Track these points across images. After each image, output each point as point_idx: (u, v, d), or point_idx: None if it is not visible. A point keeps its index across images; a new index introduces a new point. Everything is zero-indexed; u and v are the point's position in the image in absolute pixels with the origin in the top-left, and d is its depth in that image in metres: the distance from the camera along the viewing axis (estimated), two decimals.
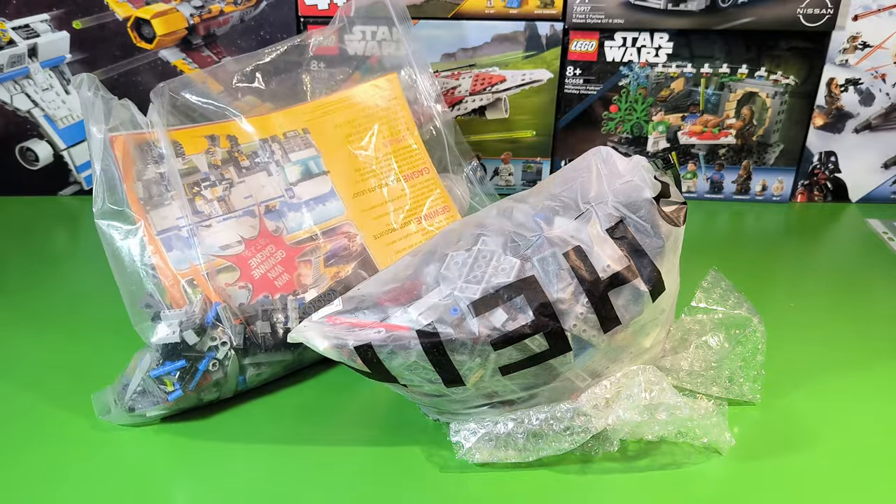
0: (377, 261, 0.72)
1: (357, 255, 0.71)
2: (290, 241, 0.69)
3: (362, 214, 0.73)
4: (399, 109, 0.79)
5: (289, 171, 0.72)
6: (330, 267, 0.69)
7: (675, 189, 0.57)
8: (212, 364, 0.62)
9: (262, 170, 0.71)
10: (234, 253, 0.67)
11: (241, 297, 0.66)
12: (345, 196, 0.73)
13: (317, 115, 0.76)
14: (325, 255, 0.70)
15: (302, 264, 0.69)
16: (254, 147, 0.72)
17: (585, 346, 0.54)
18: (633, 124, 0.97)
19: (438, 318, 0.52)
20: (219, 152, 0.70)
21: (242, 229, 0.68)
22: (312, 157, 0.74)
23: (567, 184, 0.57)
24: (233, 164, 0.70)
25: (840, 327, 0.74)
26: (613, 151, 0.58)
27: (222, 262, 0.66)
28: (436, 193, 0.78)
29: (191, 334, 0.61)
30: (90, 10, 0.90)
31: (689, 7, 0.89)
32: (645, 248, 0.54)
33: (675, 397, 0.56)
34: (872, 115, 0.95)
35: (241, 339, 0.63)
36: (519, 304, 0.52)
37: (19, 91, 0.93)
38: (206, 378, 0.62)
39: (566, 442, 0.55)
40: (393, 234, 0.74)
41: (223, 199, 0.69)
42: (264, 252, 0.68)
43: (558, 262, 0.53)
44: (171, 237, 0.65)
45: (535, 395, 0.56)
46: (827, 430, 0.61)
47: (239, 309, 0.64)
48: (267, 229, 0.69)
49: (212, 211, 0.67)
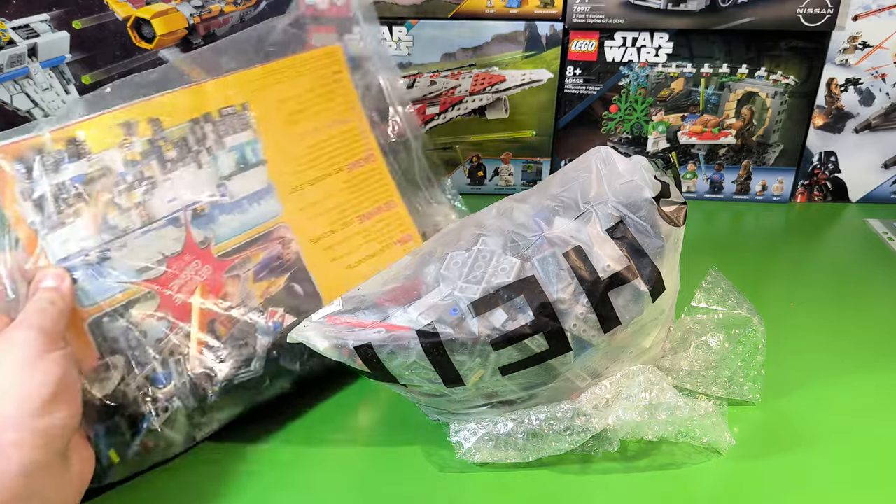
0: (313, 272, 0.63)
1: (290, 265, 0.62)
2: (218, 252, 0.60)
3: (299, 214, 0.64)
4: (342, 86, 0.69)
5: (222, 161, 0.61)
6: (260, 282, 0.61)
7: (676, 189, 0.57)
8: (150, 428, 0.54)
9: (192, 161, 0.60)
10: (154, 276, 0.56)
11: (158, 330, 0.56)
12: (282, 192, 0.63)
13: (262, 85, 0.65)
14: (255, 267, 0.61)
15: (229, 281, 0.59)
16: (182, 132, 0.59)
17: (585, 346, 0.54)
18: (632, 124, 0.97)
19: (438, 318, 0.52)
20: (137, 143, 0.57)
21: (164, 244, 0.57)
22: (250, 141, 0.62)
23: (567, 184, 0.57)
24: (155, 157, 0.58)
25: (840, 327, 0.74)
26: (614, 151, 0.58)
27: (140, 290, 0.56)
28: (381, 185, 0.69)
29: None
30: (90, 10, 0.90)
31: (689, 7, 0.89)
32: (645, 248, 0.54)
33: (675, 397, 0.56)
34: (872, 114, 0.95)
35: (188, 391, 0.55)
36: (519, 305, 0.52)
37: (19, 91, 0.93)
38: (146, 447, 0.55)
39: (566, 442, 0.55)
40: (332, 236, 0.65)
41: (142, 204, 0.57)
42: (188, 270, 0.58)
43: (558, 262, 0.53)
44: (77, 266, 0.54)
45: (535, 395, 0.56)
46: (827, 429, 0.61)
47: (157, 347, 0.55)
48: (193, 241, 0.58)
49: (128, 224, 0.56)
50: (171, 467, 0.58)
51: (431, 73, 0.94)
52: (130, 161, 0.57)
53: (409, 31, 0.92)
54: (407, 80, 0.94)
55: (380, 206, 0.68)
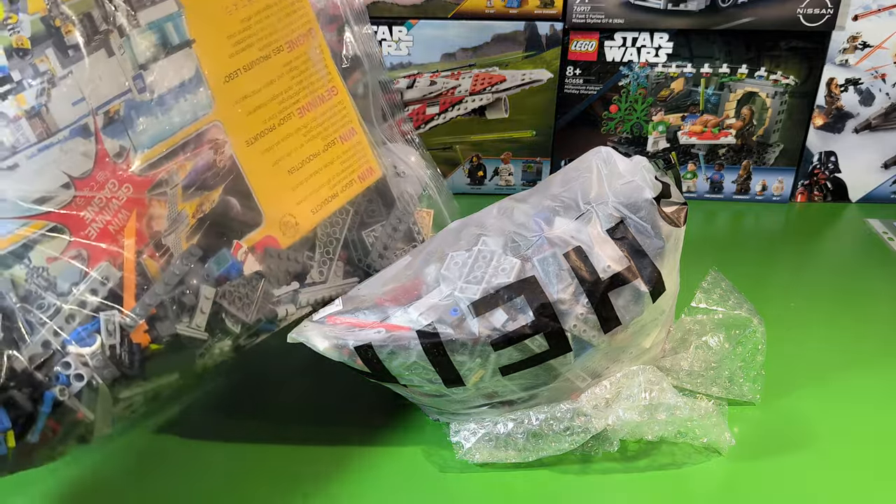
0: (250, 180, 0.52)
1: (225, 173, 0.51)
2: (140, 166, 0.47)
3: (233, 108, 0.52)
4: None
5: (138, 44, 0.47)
6: (191, 200, 0.49)
7: (676, 190, 0.57)
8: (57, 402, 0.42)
9: (100, 46, 0.46)
10: (59, 205, 0.44)
11: (73, 274, 0.44)
12: (213, 81, 0.51)
13: None
14: (183, 181, 0.49)
15: (154, 202, 0.48)
16: (86, 4, 0.45)
17: (585, 347, 0.54)
18: (632, 124, 0.97)
19: (438, 318, 0.52)
20: (25, 22, 0.43)
21: (70, 162, 0.45)
22: (172, 15, 0.49)
23: (567, 184, 0.57)
24: (52, 43, 0.44)
25: (840, 327, 0.74)
26: (614, 152, 0.58)
27: (41, 225, 0.44)
28: (323, 68, 0.57)
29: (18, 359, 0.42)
30: None
31: (689, 7, 0.89)
32: (645, 248, 0.54)
33: (675, 397, 0.56)
34: (872, 114, 0.95)
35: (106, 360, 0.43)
36: (519, 305, 0.52)
37: None
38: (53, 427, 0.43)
39: (566, 442, 0.55)
40: (269, 136, 0.54)
41: (37, 112, 0.43)
42: (103, 193, 0.46)
43: (559, 263, 0.53)
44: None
45: (535, 396, 0.56)
46: (827, 430, 0.61)
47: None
48: (106, 154, 0.46)
49: (18, 138, 0.43)
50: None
51: (431, 73, 0.94)
52: (18, 49, 0.43)
53: (409, 31, 0.92)
54: (407, 80, 0.94)
55: (321, 94, 0.57)
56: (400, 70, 0.93)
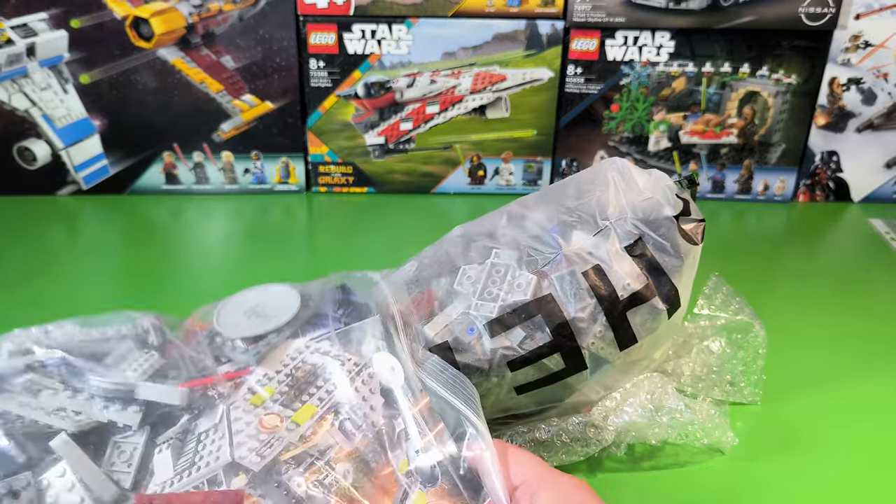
0: None
1: None
2: None
3: None
4: None
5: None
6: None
7: (695, 206, 0.56)
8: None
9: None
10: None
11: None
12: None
13: None
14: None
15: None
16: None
17: (601, 364, 0.53)
18: (634, 124, 0.96)
19: (454, 339, 0.51)
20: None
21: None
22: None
23: (582, 196, 0.56)
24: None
25: (841, 328, 0.74)
26: (630, 164, 0.57)
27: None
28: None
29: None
30: (88, 9, 0.89)
31: (691, 6, 0.89)
32: (664, 266, 0.53)
33: (678, 401, 0.56)
34: (875, 114, 0.95)
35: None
36: (537, 324, 0.51)
37: (17, 90, 0.92)
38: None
39: (575, 455, 0.55)
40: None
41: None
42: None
43: (577, 282, 0.52)
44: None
45: (547, 409, 0.55)
46: (827, 431, 0.61)
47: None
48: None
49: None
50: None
51: (432, 71, 0.93)
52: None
53: (409, 29, 0.91)
54: (407, 78, 0.94)
55: None
56: (400, 69, 0.93)
